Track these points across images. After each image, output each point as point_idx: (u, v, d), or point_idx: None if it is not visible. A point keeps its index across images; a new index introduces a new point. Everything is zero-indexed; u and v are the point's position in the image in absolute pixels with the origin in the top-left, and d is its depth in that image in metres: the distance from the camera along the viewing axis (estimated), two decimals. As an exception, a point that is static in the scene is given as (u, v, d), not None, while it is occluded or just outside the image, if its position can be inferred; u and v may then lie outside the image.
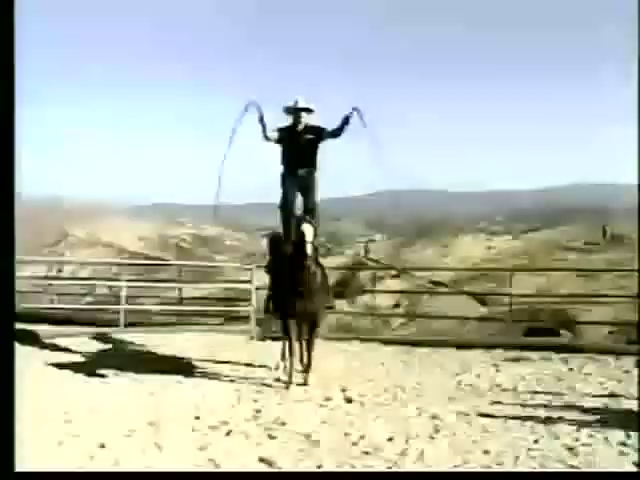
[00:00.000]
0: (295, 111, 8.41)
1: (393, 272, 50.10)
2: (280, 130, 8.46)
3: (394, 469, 4.94)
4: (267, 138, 8.32)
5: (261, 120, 8.22)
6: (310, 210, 8.28)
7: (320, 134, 8.42)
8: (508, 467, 4.94)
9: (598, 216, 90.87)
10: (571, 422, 6.01)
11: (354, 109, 8.13)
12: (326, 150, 8.57)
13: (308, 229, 7.60)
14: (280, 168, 8.58)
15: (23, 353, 9.22)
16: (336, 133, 8.32)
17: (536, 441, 5.49)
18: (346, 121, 8.19)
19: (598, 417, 6.22)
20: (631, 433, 5.57)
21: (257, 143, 8.43)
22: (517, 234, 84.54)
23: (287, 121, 8.58)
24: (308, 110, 8.43)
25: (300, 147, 8.38)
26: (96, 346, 10.11)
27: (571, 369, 8.68)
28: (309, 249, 7.51)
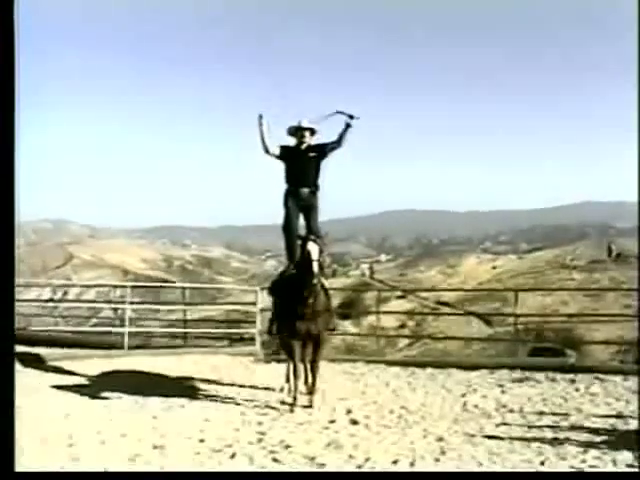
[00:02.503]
0: (299, 131, 8.46)
1: (398, 293, 50.01)
2: (283, 148, 8.51)
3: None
4: (267, 151, 8.41)
5: (261, 135, 8.34)
6: (313, 230, 8.28)
7: (323, 151, 8.47)
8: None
9: (603, 234, 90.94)
10: (578, 443, 5.96)
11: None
12: (330, 172, 8.62)
13: (314, 247, 7.59)
14: (283, 187, 8.60)
15: (27, 375, 9.22)
16: (338, 142, 8.44)
17: (542, 463, 5.43)
18: (345, 130, 8.35)
19: (605, 438, 6.16)
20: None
21: (261, 165, 8.48)
22: (521, 253, 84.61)
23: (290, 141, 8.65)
24: (311, 130, 8.48)
25: (303, 167, 8.42)
26: (100, 369, 10.08)
27: (577, 389, 8.59)
28: (315, 267, 7.49)
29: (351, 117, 8.36)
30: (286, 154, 8.50)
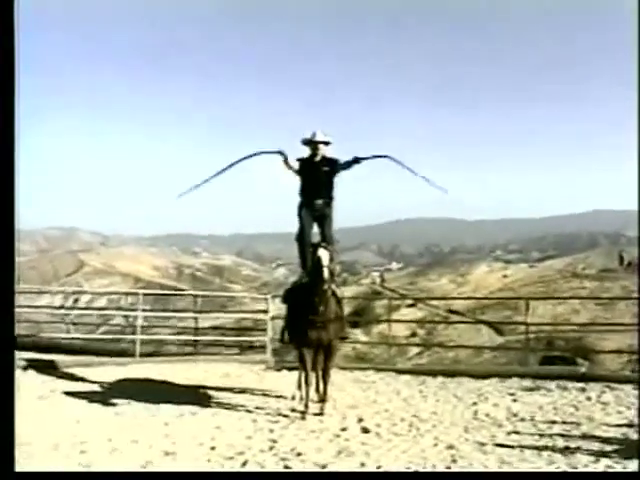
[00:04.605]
0: (313, 143, 8.51)
1: (409, 301, 49.88)
2: (300, 161, 8.57)
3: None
4: (288, 167, 8.47)
5: (285, 160, 8.48)
6: (326, 240, 8.31)
7: (335, 168, 8.52)
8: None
9: (614, 243, 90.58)
10: (589, 452, 5.94)
11: (356, 159, 8.47)
12: (341, 181, 8.65)
13: (324, 254, 7.65)
14: (297, 199, 8.66)
15: (39, 383, 9.28)
16: (346, 167, 8.48)
17: (554, 472, 5.42)
18: (355, 161, 8.43)
19: (617, 447, 6.15)
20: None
21: (272, 174, 8.54)
22: (532, 262, 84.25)
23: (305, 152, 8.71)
24: (325, 143, 8.53)
25: (317, 178, 8.47)
26: (112, 376, 10.11)
27: (589, 398, 8.57)
28: (326, 273, 7.54)
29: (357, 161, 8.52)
30: (303, 168, 8.55)
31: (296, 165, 8.55)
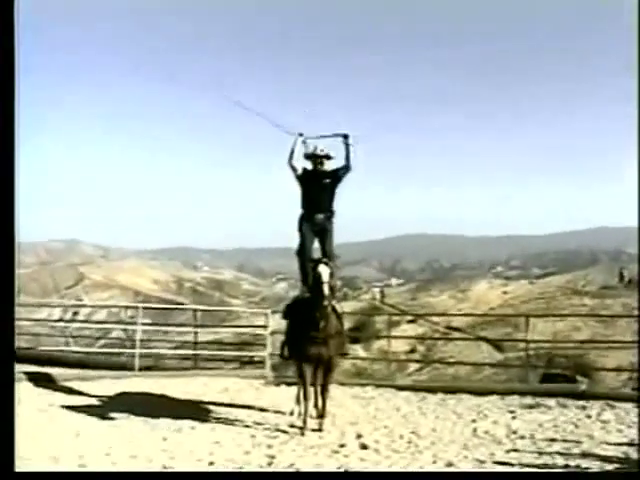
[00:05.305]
0: (315, 157, 8.54)
1: (409, 317, 49.89)
2: (304, 170, 8.59)
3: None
4: (291, 160, 8.52)
5: (293, 147, 8.61)
6: (327, 255, 8.32)
7: (337, 175, 8.54)
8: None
9: (615, 260, 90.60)
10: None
11: (344, 136, 8.61)
12: (342, 195, 8.66)
13: (325, 270, 7.63)
14: (295, 210, 8.69)
15: (37, 395, 9.25)
16: (347, 166, 8.52)
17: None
18: (347, 150, 8.54)
19: (617, 466, 6.11)
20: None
21: (273, 188, 8.58)
22: (533, 278, 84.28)
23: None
24: (327, 157, 8.56)
25: (318, 193, 8.51)
26: (110, 389, 10.07)
27: (589, 416, 8.50)
28: (326, 289, 7.53)
29: (345, 137, 8.53)
30: (304, 178, 8.58)
31: (299, 169, 8.58)
